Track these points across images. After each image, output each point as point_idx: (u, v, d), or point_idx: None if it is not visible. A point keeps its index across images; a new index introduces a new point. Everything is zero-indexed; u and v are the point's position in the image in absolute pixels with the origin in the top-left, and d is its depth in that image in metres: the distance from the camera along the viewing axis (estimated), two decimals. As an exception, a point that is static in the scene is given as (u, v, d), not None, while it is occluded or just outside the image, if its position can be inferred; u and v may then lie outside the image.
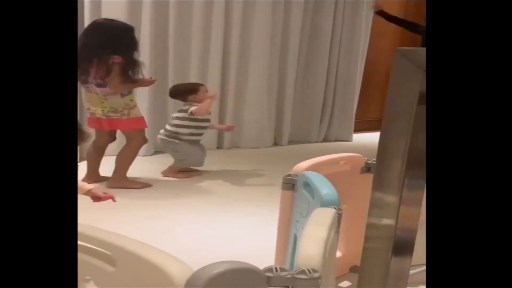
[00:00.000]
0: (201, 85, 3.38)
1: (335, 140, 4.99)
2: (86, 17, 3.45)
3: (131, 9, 3.63)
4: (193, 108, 3.17)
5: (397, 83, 0.58)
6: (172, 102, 3.82)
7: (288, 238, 1.52)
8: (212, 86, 4.06)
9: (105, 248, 0.81)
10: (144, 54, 3.71)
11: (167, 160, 3.46)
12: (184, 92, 3.31)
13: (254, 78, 4.30)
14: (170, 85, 3.87)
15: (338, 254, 1.74)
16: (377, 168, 0.68)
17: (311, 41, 4.63)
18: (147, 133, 3.57)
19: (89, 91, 2.85)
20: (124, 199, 2.62)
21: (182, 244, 2.10)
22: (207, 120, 3.33)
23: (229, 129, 3.70)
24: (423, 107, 0.55)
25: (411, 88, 0.56)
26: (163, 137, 3.30)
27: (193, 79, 3.91)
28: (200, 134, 3.34)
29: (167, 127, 3.31)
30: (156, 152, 3.95)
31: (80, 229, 0.81)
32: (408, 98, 0.57)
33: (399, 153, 0.61)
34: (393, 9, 4.81)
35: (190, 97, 3.26)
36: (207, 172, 3.46)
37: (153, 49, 3.75)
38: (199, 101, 3.22)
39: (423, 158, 0.65)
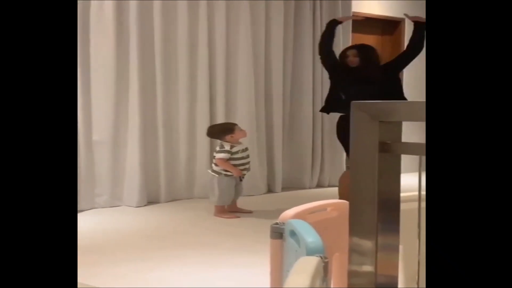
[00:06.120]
0: (235, 124, 3.64)
1: (329, 186, 4.98)
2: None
3: (117, 28, 3.74)
4: (218, 156, 3.47)
5: (356, 134, 0.60)
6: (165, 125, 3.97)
7: (279, 288, 1.49)
8: (203, 128, 4.11)
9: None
10: (133, 77, 3.80)
11: (165, 209, 3.44)
12: (220, 132, 3.57)
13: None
14: (159, 109, 3.98)
15: (332, 303, 1.70)
16: (350, 215, 0.69)
17: (294, 87, 4.74)
18: (139, 175, 3.58)
19: None
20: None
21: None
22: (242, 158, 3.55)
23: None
24: (385, 154, 0.57)
25: (370, 138, 0.58)
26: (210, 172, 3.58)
27: (182, 110, 4.09)
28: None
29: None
30: (150, 203, 3.93)
31: None
32: (369, 148, 0.59)
33: (370, 199, 0.62)
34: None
35: (227, 137, 3.50)
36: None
37: (141, 78, 3.84)
38: (235, 140, 3.51)
39: (394, 202, 0.66)
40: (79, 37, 3.57)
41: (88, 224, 3.34)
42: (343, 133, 3.72)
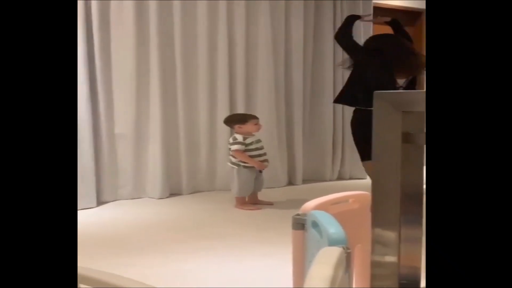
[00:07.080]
0: (254, 117, 3.63)
1: (350, 178, 4.96)
2: (94, 17, 3.60)
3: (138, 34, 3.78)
4: (233, 147, 3.50)
5: (379, 124, 0.60)
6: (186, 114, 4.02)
7: (303, 279, 1.50)
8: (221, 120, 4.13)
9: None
10: (153, 71, 3.84)
11: (182, 201, 3.48)
12: (233, 121, 3.62)
13: (261, 118, 4.38)
14: (180, 102, 4.01)
15: (354, 294, 1.70)
16: (373, 206, 0.69)
17: (314, 81, 4.72)
18: (160, 163, 3.60)
19: None
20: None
21: (195, 286, 2.09)
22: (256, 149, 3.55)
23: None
24: (408, 145, 0.57)
25: (393, 129, 0.58)
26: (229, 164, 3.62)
27: (202, 109, 4.12)
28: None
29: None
30: (172, 195, 3.98)
31: (81, 271, 0.82)
32: (392, 139, 0.59)
33: (393, 190, 0.62)
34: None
35: (236, 127, 3.55)
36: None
37: (162, 72, 3.88)
38: (244, 132, 3.53)
39: (417, 194, 0.66)
40: (100, 33, 3.62)
41: (111, 215, 3.40)
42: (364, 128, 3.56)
